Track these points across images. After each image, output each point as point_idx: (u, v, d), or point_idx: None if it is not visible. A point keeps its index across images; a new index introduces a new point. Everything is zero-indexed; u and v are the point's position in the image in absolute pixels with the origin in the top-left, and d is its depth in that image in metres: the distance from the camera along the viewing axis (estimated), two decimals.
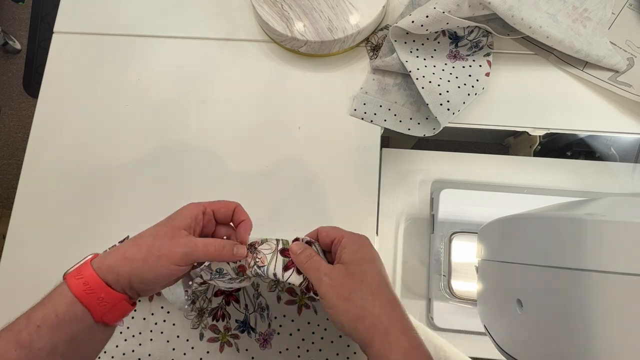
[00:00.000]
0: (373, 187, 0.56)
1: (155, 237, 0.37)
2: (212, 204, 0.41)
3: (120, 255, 0.37)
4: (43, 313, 0.34)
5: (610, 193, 0.62)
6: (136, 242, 0.37)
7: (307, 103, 0.59)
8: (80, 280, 0.35)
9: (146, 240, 0.37)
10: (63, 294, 0.35)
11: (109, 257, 0.37)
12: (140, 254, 0.36)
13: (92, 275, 0.35)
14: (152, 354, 0.49)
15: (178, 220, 0.38)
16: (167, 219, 0.39)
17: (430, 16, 0.53)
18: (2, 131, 1.58)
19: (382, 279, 0.38)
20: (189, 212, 0.39)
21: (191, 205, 0.40)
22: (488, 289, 0.43)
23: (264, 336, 0.48)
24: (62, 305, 0.34)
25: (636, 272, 0.27)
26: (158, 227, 0.39)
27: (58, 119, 0.61)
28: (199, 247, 0.37)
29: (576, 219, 0.31)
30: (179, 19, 0.64)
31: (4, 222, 0.66)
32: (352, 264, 0.38)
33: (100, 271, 0.36)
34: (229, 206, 0.42)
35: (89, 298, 0.35)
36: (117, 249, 0.37)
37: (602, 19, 0.59)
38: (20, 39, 1.65)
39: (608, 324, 0.27)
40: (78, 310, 0.35)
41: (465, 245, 0.59)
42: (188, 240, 0.37)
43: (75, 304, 0.35)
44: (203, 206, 0.40)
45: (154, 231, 0.38)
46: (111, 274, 0.36)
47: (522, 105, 0.58)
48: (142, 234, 0.38)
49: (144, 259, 0.36)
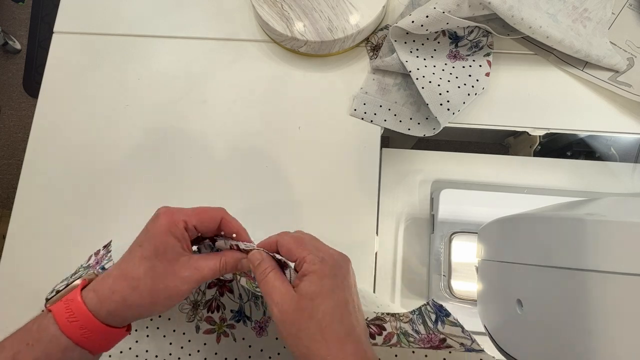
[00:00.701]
0: (373, 187, 0.56)
1: (155, 279, 0.34)
2: (193, 217, 0.36)
3: (119, 301, 0.33)
4: (32, 358, 0.31)
5: (610, 193, 0.62)
6: (132, 286, 0.34)
7: (307, 103, 0.59)
8: (75, 323, 0.32)
9: (144, 282, 0.34)
10: (55, 338, 0.32)
11: (107, 302, 0.33)
12: (144, 300, 0.34)
13: (92, 320, 0.33)
14: (149, 350, 0.49)
15: (171, 251, 0.35)
16: (153, 248, 0.35)
17: (430, 16, 0.53)
18: (2, 131, 1.58)
19: (338, 313, 0.34)
20: (173, 235, 0.35)
21: (168, 221, 0.35)
22: (488, 289, 0.43)
23: (259, 324, 0.49)
24: (56, 350, 0.32)
25: (636, 272, 0.27)
26: (149, 262, 0.34)
27: (58, 119, 0.61)
28: (206, 275, 0.35)
29: (576, 219, 0.31)
30: (179, 19, 0.64)
31: (4, 222, 0.66)
32: (306, 298, 0.34)
33: (100, 315, 0.33)
34: (214, 217, 0.37)
35: (89, 341, 0.33)
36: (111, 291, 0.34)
37: (602, 19, 0.59)
38: (20, 39, 1.65)
39: (608, 324, 0.27)
40: (75, 354, 0.32)
41: (465, 245, 0.59)
42: (193, 272, 0.35)
43: (72, 348, 0.32)
44: (183, 221, 0.36)
45: (147, 269, 0.34)
46: (114, 318, 0.34)
47: (522, 105, 0.58)
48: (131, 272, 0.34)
49: (152, 303, 0.34)
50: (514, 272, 0.36)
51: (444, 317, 0.40)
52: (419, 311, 0.41)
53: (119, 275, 0.35)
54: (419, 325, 0.41)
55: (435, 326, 0.40)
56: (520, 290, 0.35)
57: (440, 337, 0.41)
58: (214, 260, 0.36)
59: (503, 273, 0.39)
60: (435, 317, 0.41)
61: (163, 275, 0.34)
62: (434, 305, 0.41)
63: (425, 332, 0.41)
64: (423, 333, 0.41)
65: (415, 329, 0.41)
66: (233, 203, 0.43)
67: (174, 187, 0.57)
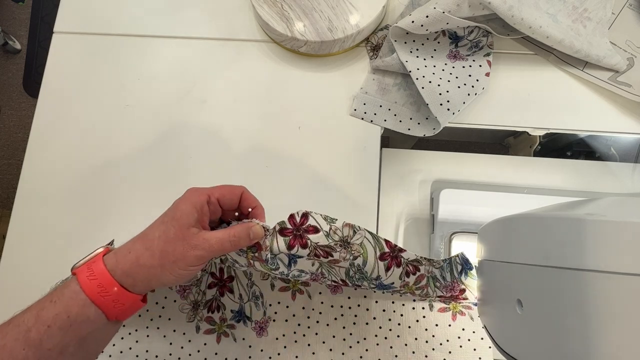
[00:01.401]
0: (373, 187, 0.56)
1: (166, 241, 0.36)
2: (216, 190, 0.39)
3: (133, 260, 0.35)
4: (54, 312, 0.33)
5: (610, 193, 0.62)
6: (146, 246, 0.36)
7: (307, 103, 0.59)
8: (94, 281, 0.34)
9: (157, 243, 0.36)
10: (75, 294, 0.34)
11: (122, 260, 0.35)
12: (154, 260, 0.35)
13: (108, 278, 0.34)
14: (149, 350, 0.49)
15: (185, 218, 0.36)
16: (172, 215, 0.37)
17: (430, 16, 0.53)
18: (2, 131, 1.58)
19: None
20: (192, 205, 0.37)
21: (193, 195, 0.38)
22: (488, 289, 0.43)
23: (259, 324, 0.49)
24: (75, 306, 0.33)
25: (636, 272, 0.27)
26: (165, 226, 0.36)
27: (58, 119, 0.61)
28: (214, 246, 0.36)
29: (576, 219, 0.31)
30: (179, 19, 0.64)
31: (4, 222, 0.66)
32: None
33: (115, 274, 0.35)
34: (235, 192, 0.40)
35: (104, 300, 0.34)
36: (128, 250, 0.36)
37: (602, 19, 0.59)
38: (20, 39, 1.65)
39: (608, 324, 0.27)
40: (91, 311, 0.34)
41: (465, 245, 0.59)
42: (201, 241, 0.36)
43: (89, 305, 0.34)
44: (207, 194, 0.38)
45: (162, 232, 0.36)
46: (127, 279, 0.35)
47: (522, 105, 0.58)
48: (149, 235, 0.37)
49: (161, 265, 0.35)
50: (514, 272, 0.36)
51: (467, 269, 0.45)
52: (449, 260, 0.45)
53: (139, 238, 0.37)
54: (447, 273, 0.46)
55: (459, 276, 0.45)
56: (520, 290, 0.35)
57: (461, 287, 0.46)
58: (222, 232, 0.37)
59: (503, 273, 0.39)
60: (461, 269, 0.45)
61: (173, 239, 0.36)
62: (462, 258, 0.45)
63: (450, 279, 0.46)
64: (448, 280, 0.46)
65: (442, 275, 0.46)
66: None
67: (173, 187, 0.57)
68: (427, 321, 0.48)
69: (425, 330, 0.48)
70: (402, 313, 0.48)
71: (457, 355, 0.47)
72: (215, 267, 0.49)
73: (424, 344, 0.48)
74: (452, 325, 0.48)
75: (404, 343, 0.48)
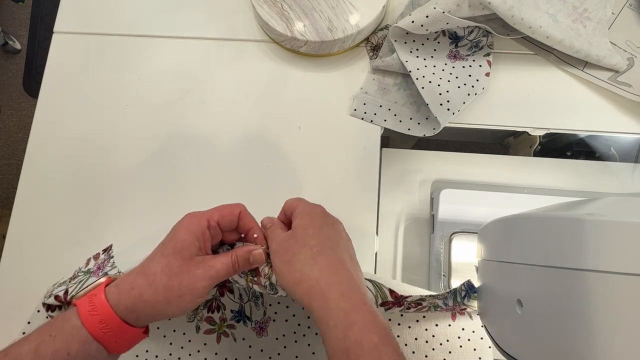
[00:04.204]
0: (373, 187, 0.56)
1: (170, 275, 0.35)
2: (215, 213, 0.38)
3: (136, 295, 0.34)
4: (53, 348, 0.32)
5: (610, 193, 0.62)
6: (149, 282, 0.35)
7: (307, 103, 0.59)
8: (95, 317, 0.33)
9: (159, 278, 0.35)
10: (76, 330, 0.33)
11: (125, 296, 0.34)
12: (158, 296, 0.34)
13: (110, 314, 0.34)
14: (149, 350, 0.49)
15: (187, 249, 0.36)
16: (172, 247, 0.36)
17: (430, 16, 0.53)
18: (2, 131, 1.58)
19: (329, 242, 0.36)
20: (193, 234, 0.36)
21: (192, 222, 0.37)
22: (488, 289, 0.43)
23: (259, 324, 0.49)
24: (75, 342, 0.33)
25: (636, 272, 0.27)
26: (167, 259, 0.35)
27: (58, 119, 0.61)
28: (220, 272, 0.36)
29: (576, 219, 0.31)
30: (179, 19, 0.64)
31: (4, 222, 0.66)
32: (299, 228, 0.37)
33: (118, 310, 0.34)
34: (234, 212, 0.39)
35: (106, 336, 0.33)
36: (130, 286, 0.35)
37: (602, 19, 0.59)
38: (20, 39, 1.65)
39: (608, 324, 0.27)
40: (92, 348, 0.33)
41: (465, 245, 0.59)
42: (207, 270, 0.36)
43: (91, 342, 0.33)
44: (206, 219, 0.37)
45: (164, 266, 0.35)
46: (130, 314, 0.34)
47: (522, 105, 0.58)
48: (150, 268, 0.35)
49: (166, 301, 0.35)
50: (514, 272, 0.36)
51: (472, 293, 0.45)
52: (454, 291, 0.45)
53: (139, 272, 0.36)
54: (450, 300, 0.45)
55: (462, 300, 0.45)
56: (520, 290, 0.35)
57: (461, 308, 0.46)
58: (226, 256, 0.37)
59: (503, 273, 0.39)
60: (465, 294, 0.45)
61: (177, 272, 0.35)
62: (468, 285, 0.45)
63: (452, 304, 0.45)
64: (450, 305, 0.45)
65: (445, 303, 0.45)
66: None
67: (173, 187, 0.57)
68: (427, 321, 0.48)
69: (425, 330, 0.48)
70: (402, 313, 0.48)
71: (457, 355, 0.47)
72: None
73: (424, 343, 0.48)
74: (452, 325, 0.48)
75: (404, 343, 0.48)
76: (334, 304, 0.33)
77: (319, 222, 0.38)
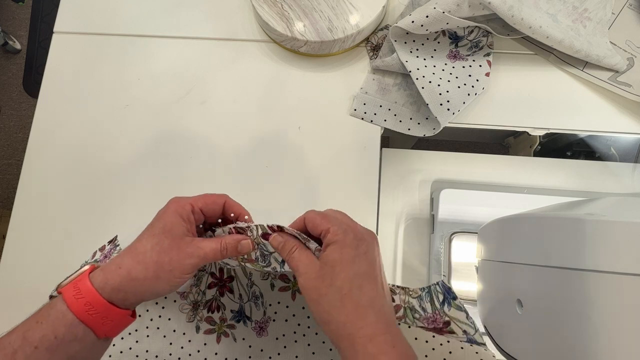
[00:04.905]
0: (373, 187, 0.56)
1: (160, 252, 0.36)
2: (199, 200, 0.39)
3: (124, 274, 0.35)
4: (41, 334, 0.33)
5: (610, 193, 0.62)
6: (138, 260, 0.35)
7: (307, 103, 0.59)
8: (80, 300, 0.34)
9: (150, 256, 0.35)
10: (62, 314, 0.33)
11: (111, 275, 0.35)
12: (148, 272, 0.35)
13: (95, 296, 0.34)
14: (149, 350, 0.49)
15: (177, 229, 0.37)
16: (161, 227, 0.37)
17: (430, 16, 0.53)
18: (2, 131, 1.58)
19: (358, 280, 0.35)
20: (179, 216, 0.37)
21: (178, 206, 0.38)
22: (488, 289, 0.43)
23: (259, 324, 0.49)
24: (61, 326, 0.33)
25: (636, 272, 0.27)
26: (156, 238, 0.36)
27: (58, 119, 0.61)
28: (208, 254, 0.37)
29: (576, 219, 0.31)
30: (179, 19, 0.64)
31: (4, 222, 0.66)
32: (327, 265, 0.35)
33: (104, 292, 0.34)
34: (218, 202, 0.40)
35: (93, 318, 0.34)
36: (117, 266, 0.35)
37: (602, 19, 0.59)
38: (20, 39, 1.65)
39: (608, 324, 0.27)
40: (79, 330, 0.33)
41: (465, 245, 0.59)
42: (195, 249, 0.37)
43: (77, 324, 0.33)
44: (190, 204, 0.38)
45: (154, 244, 0.36)
46: (118, 294, 0.35)
47: (522, 105, 0.58)
48: (139, 248, 0.36)
49: (156, 277, 0.35)
50: (514, 272, 0.36)
51: (451, 299, 0.41)
52: (428, 289, 0.42)
53: (127, 252, 0.36)
54: (426, 303, 0.41)
55: (441, 307, 0.41)
56: (520, 290, 0.35)
57: (444, 320, 0.41)
58: (215, 242, 0.38)
59: (503, 273, 0.39)
60: (443, 298, 0.41)
61: (168, 249, 0.36)
62: (443, 286, 0.41)
63: (431, 311, 0.41)
64: (429, 312, 0.41)
65: (422, 306, 0.41)
66: None
67: (173, 187, 0.57)
68: None
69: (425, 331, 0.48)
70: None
71: (457, 355, 0.47)
72: (215, 267, 0.49)
73: (424, 343, 0.48)
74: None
75: None
76: (361, 348, 0.33)
77: (351, 255, 0.35)
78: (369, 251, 0.36)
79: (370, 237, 0.38)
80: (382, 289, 0.36)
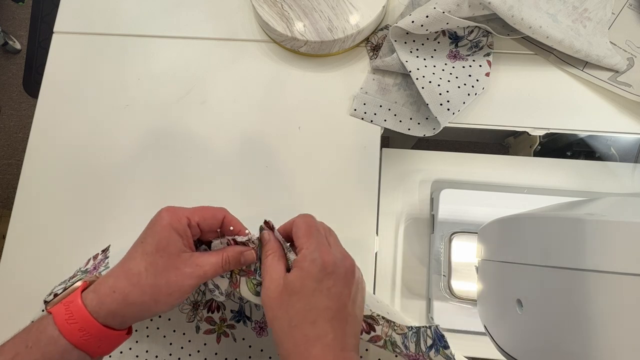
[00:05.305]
0: (373, 187, 0.56)
1: (157, 274, 0.33)
2: (196, 213, 0.36)
3: (120, 299, 0.33)
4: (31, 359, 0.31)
5: (610, 193, 0.62)
6: (133, 282, 0.33)
7: (307, 103, 0.59)
8: (74, 325, 0.32)
9: (145, 278, 0.33)
10: (54, 340, 0.31)
11: (107, 300, 0.33)
12: (145, 296, 0.33)
13: (90, 321, 0.32)
14: (149, 350, 0.49)
15: (172, 246, 0.34)
16: (155, 244, 0.34)
17: (430, 16, 0.53)
18: (2, 131, 1.58)
19: (312, 316, 0.33)
20: (175, 231, 0.35)
21: (173, 219, 0.35)
22: (488, 289, 0.43)
23: (259, 324, 0.49)
24: (55, 352, 0.31)
25: (636, 272, 0.27)
26: (151, 257, 0.34)
27: (58, 119, 0.61)
28: (208, 272, 0.35)
29: (576, 219, 0.31)
30: (179, 19, 0.64)
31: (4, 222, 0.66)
32: (287, 290, 0.34)
33: (99, 316, 0.32)
34: (217, 216, 0.37)
35: (87, 344, 0.32)
36: (112, 289, 0.33)
37: (602, 19, 0.59)
38: (20, 39, 1.65)
39: (608, 324, 0.27)
40: (74, 356, 0.32)
41: (465, 245, 0.59)
42: (194, 269, 0.35)
43: (71, 350, 0.32)
44: (186, 218, 0.35)
45: (148, 264, 0.34)
46: (115, 318, 0.33)
47: (522, 105, 0.58)
48: (132, 268, 0.34)
49: (154, 300, 0.33)
50: (514, 272, 0.36)
51: (440, 347, 0.37)
52: (416, 330, 0.39)
53: (120, 273, 0.34)
54: (411, 343, 0.38)
55: (427, 351, 0.38)
56: (520, 290, 0.35)
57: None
58: (215, 256, 0.36)
59: (503, 273, 0.39)
60: (432, 344, 0.38)
61: (165, 270, 0.34)
62: (436, 332, 0.38)
63: (414, 351, 0.38)
64: (412, 352, 0.38)
65: (405, 344, 0.38)
66: (233, 203, 0.43)
67: (173, 187, 0.57)
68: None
69: None
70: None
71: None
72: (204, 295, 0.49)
73: None
74: None
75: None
76: None
77: (311, 289, 0.34)
78: (335, 286, 0.34)
79: (343, 269, 0.36)
80: (345, 323, 0.34)
